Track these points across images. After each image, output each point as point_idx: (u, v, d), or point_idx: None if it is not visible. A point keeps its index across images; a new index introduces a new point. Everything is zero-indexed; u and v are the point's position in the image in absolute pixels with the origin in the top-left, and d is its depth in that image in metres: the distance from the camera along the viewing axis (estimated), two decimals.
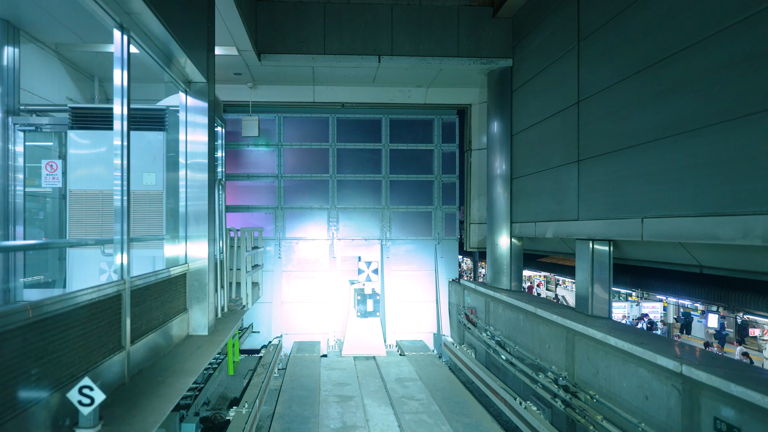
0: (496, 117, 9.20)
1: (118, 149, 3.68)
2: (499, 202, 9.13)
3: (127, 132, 3.73)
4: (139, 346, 3.88)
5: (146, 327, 4.07)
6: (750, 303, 7.49)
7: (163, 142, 6.20)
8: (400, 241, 11.36)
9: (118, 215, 3.64)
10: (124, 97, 3.71)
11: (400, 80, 9.87)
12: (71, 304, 2.87)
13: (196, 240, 5.34)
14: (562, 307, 6.91)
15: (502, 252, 9.04)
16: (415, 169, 11.37)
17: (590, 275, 6.38)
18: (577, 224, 6.64)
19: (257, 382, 7.51)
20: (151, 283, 4.19)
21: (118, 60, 3.67)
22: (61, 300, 2.69)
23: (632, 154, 5.43)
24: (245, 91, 10.05)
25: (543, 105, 7.70)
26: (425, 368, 8.92)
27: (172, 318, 4.77)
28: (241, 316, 7.01)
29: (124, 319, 3.57)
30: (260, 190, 11.11)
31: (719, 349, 16.40)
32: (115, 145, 3.69)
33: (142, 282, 3.97)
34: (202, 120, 5.38)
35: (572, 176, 6.77)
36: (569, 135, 6.86)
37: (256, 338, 10.57)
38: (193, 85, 5.38)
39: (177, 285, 5.00)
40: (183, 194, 5.36)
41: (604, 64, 6.01)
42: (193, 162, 5.35)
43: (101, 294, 3.27)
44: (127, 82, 3.71)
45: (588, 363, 5.24)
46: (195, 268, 5.31)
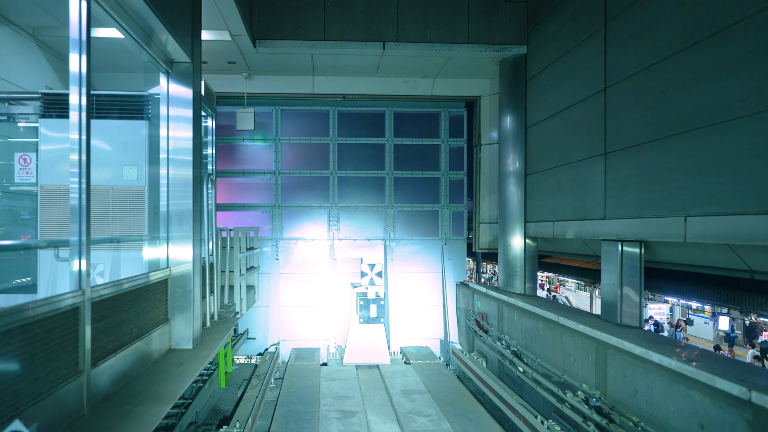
0: (509, 109, 8.58)
1: (76, 144, 3.04)
2: (512, 200, 8.51)
3: (87, 124, 3.10)
4: (104, 368, 3.25)
5: (114, 344, 3.45)
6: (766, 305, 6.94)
7: (145, 132, 5.60)
8: (404, 241, 10.73)
9: (76, 214, 3.02)
10: (83, 85, 3.08)
11: (405, 70, 9.24)
12: (4, 323, 2.25)
13: (180, 241, 4.72)
14: (587, 315, 6.29)
15: (516, 254, 8.42)
16: (421, 165, 10.75)
17: (619, 280, 5.76)
18: (603, 224, 6.02)
19: (251, 395, 6.89)
20: (121, 292, 3.56)
21: (75, 42, 3.03)
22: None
23: (672, 144, 4.80)
24: (240, 81, 9.43)
25: (562, 94, 7.08)
26: (433, 378, 8.30)
27: (150, 331, 4.15)
28: (234, 325, 6.39)
29: (83, 337, 2.95)
30: (256, 187, 10.49)
31: (731, 353, 15.82)
32: (72, 140, 3.05)
33: (109, 291, 3.35)
34: (186, 106, 4.75)
35: (597, 171, 6.14)
36: (594, 126, 6.23)
37: (251, 345, 9.94)
38: (176, 66, 4.76)
39: (156, 292, 4.39)
40: (164, 189, 4.73)
41: (637, 45, 5.38)
42: (175, 153, 4.72)
43: (51, 309, 2.65)
44: (87, 66, 3.07)
45: (624, 381, 4.61)
46: (178, 273, 4.69)
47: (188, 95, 4.76)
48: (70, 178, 3.04)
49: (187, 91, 4.75)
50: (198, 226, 4.95)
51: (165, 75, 4.71)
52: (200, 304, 5.06)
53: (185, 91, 4.75)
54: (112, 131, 5.69)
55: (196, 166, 4.87)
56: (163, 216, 4.71)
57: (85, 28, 3.07)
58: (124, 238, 4.99)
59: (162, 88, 4.75)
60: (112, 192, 5.69)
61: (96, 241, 4.67)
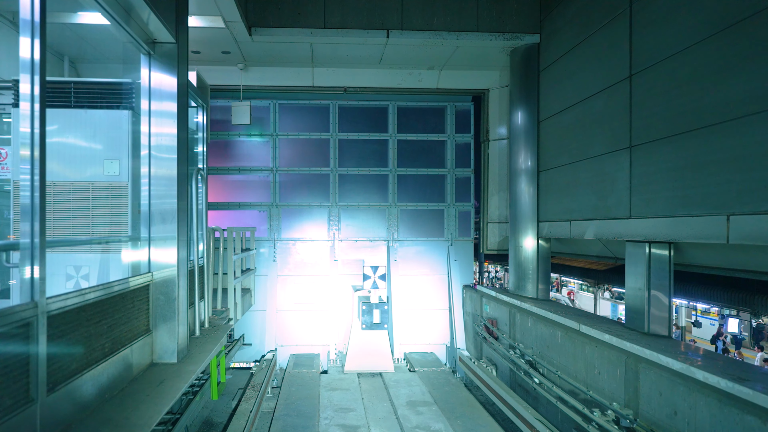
0: (520, 102, 8.09)
1: (27, 137, 2.53)
2: (524, 198, 8.02)
3: (41, 115, 2.58)
4: (65, 393, 2.76)
5: (79, 364, 2.95)
6: None
7: (128, 123, 5.12)
8: (408, 242, 10.24)
9: (27, 214, 2.52)
10: (35, 72, 2.57)
11: (410, 61, 8.74)
12: None
13: (163, 243, 4.22)
14: (610, 322, 5.80)
15: (528, 255, 7.93)
16: (426, 162, 10.25)
17: (646, 285, 5.28)
18: (628, 223, 5.53)
19: (245, 408, 6.40)
20: (89, 302, 3.07)
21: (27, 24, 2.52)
22: None
23: (713, 135, 4.31)
24: (235, 73, 8.93)
25: (580, 84, 6.59)
26: (440, 388, 7.80)
27: (127, 345, 3.65)
28: (226, 333, 5.89)
29: (36, 358, 2.46)
30: (253, 185, 9.99)
31: (739, 356, 15.33)
32: (23, 133, 2.54)
33: (72, 302, 2.85)
34: (170, 92, 4.25)
35: (621, 166, 5.65)
36: (617, 117, 5.74)
37: (247, 351, 9.45)
38: (159, 48, 4.26)
39: (135, 300, 3.89)
40: (146, 188, 4.23)
41: (669, 27, 4.89)
42: (158, 145, 4.23)
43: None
44: (41, 51, 2.56)
45: (660, 400, 4.12)
46: (161, 278, 4.20)
47: (172, 81, 4.26)
48: (20, 174, 2.55)
49: (171, 76, 4.25)
50: (184, 225, 4.45)
51: (146, 57, 4.22)
52: (187, 312, 4.57)
53: (169, 77, 4.25)
54: (92, 122, 5.21)
55: (182, 161, 4.37)
56: (145, 215, 4.22)
57: (38, 7, 2.57)
58: (97, 240, 4.49)
59: (143, 74, 4.25)
60: (92, 188, 5.21)
61: (53, 243, 4.17)
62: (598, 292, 21.82)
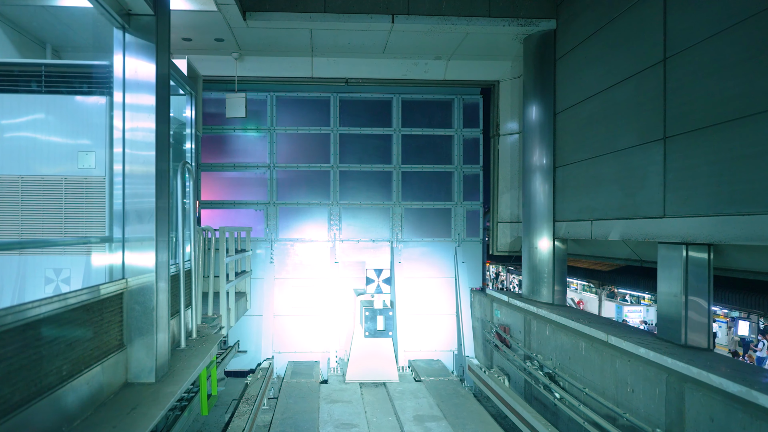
0: (535, 93, 7.55)
1: None
2: (538, 196, 7.48)
3: None
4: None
5: (23, 395, 2.41)
6: None
7: (105, 110, 4.58)
8: (413, 243, 9.70)
9: None
10: None
11: (416, 49, 8.19)
12: None
13: (139, 245, 3.68)
14: (640, 333, 5.26)
15: (543, 257, 7.38)
16: (432, 158, 9.71)
17: (683, 291, 4.74)
18: (661, 223, 4.98)
19: (239, 425, 5.85)
20: (40, 317, 2.53)
21: None
22: None
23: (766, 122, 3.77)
24: (230, 63, 8.39)
25: (603, 72, 6.05)
26: (448, 400, 7.26)
27: (93, 365, 3.11)
28: (217, 343, 5.34)
29: None
30: (249, 182, 9.45)
31: (750, 359, 14.77)
32: None
33: (12, 319, 2.31)
34: (147, 73, 3.70)
35: (653, 159, 5.11)
36: (648, 105, 5.20)
37: (242, 359, 8.91)
38: (136, 20, 3.71)
39: (105, 312, 3.35)
40: (120, 175, 3.69)
41: (713, 2, 4.34)
42: (134, 129, 3.68)
43: None
44: None
45: (712, 426, 3.57)
46: (137, 285, 3.66)
47: (150, 62, 3.70)
48: None
49: (148, 55, 3.69)
50: (165, 225, 3.91)
51: (120, 30, 3.67)
52: (168, 322, 4.03)
53: (147, 57, 3.69)
54: (65, 109, 4.68)
55: (163, 144, 3.82)
56: (118, 214, 3.68)
57: None
58: (61, 242, 3.95)
59: (116, 52, 3.69)
60: (65, 183, 4.68)
61: None
62: (602, 294, 21.33)
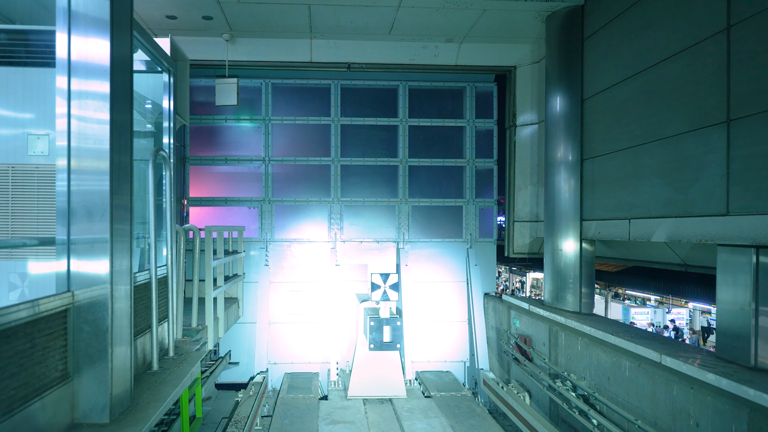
0: (560, 77, 6.78)
1: None
2: (563, 192, 6.71)
3: None
4: None
5: None
6: None
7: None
8: (421, 243, 8.95)
9: None
10: None
11: (425, 30, 7.42)
12: None
13: (88, 250, 2.90)
14: (695, 350, 4.47)
15: (568, 260, 6.61)
16: (441, 151, 9.02)
17: (752, 302, 3.96)
18: (723, 222, 4.21)
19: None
20: None
21: None
22: None
23: None
24: (220, 45, 7.62)
25: (645, 47, 5.28)
26: (463, 421, 6.49)
27: (22, 406, 2.34)
28: (198, 361, 4.55)
29: None
30: (242, 177, 8.72)
31: None
32: None
33: None
34: (99, 51, 2.89)
35: (713, 147, 4.34)
36: (705, 83, 4.43)
37: (233, 372, 8.14)
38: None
39: (39, 336, 2.58)
40: (64, 171, 2.91)
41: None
42: (83, 119, 2.90)
43: None
44: None
45: None
46: (86, 299, 2.89)
47: (103, 37, 2.88)
48: None
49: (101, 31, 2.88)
50: (125, 224, 3.13)
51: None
52: (131, 344, 3.24)
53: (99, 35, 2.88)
54: (12, 83, 3.92)
55: (121, 148, 3.04)
56: (62, 210, 2.90)
57: None
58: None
59: (59, 28, 2.87)
60: (12, 173, 3.92)
61: None
62: (608, 295, 20.60)
